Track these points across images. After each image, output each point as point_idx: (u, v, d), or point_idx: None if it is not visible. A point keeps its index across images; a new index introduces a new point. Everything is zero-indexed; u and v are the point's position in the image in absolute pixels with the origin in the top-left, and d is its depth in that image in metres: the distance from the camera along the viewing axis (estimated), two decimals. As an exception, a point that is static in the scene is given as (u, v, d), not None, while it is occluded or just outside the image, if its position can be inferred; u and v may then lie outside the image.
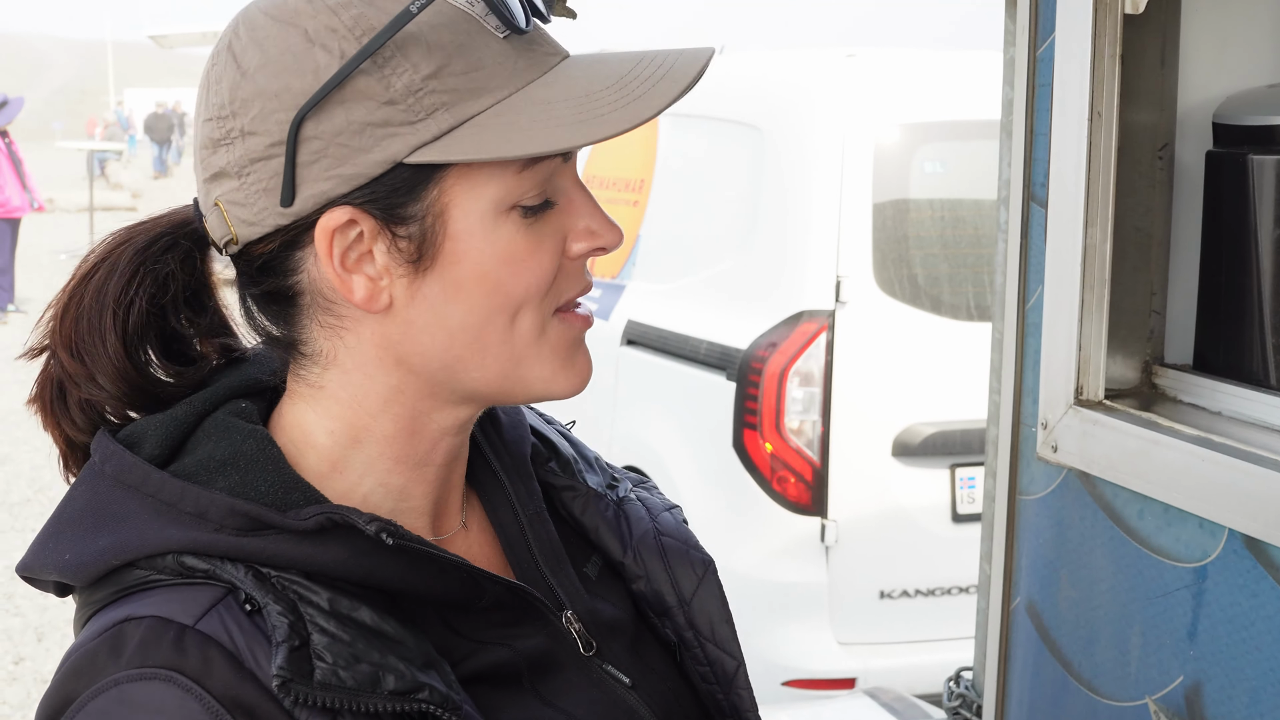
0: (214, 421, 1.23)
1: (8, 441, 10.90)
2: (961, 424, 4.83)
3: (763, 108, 5.28)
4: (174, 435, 1.22)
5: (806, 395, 4.74)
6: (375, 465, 1.25)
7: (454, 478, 1.33)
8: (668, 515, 1.47)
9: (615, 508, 1.44)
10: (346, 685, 1.09)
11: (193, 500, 1.15)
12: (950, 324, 4.89)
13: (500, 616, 1.27)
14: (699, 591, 1.42)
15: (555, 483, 1.43)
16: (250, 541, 1.14)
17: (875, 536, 4.81)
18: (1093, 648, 2.08)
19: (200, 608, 1.11)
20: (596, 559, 1.43)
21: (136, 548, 1.14)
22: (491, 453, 1.39)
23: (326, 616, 1.12)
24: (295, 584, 1.13)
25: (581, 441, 1.52)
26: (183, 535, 1.14)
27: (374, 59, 1.12)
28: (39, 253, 22.84)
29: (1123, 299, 2.06)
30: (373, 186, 1.14)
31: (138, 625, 1.11)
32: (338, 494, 1.23)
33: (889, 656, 4.84)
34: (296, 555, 1.15)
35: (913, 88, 5.15)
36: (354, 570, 1.16)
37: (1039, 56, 2.14)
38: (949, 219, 4.96)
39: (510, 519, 1.37)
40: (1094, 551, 2.06)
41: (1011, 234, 2.22)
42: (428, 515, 1.30)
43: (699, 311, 5.28)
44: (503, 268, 1.17)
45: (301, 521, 1.15)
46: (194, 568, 1.14)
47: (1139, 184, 2.06)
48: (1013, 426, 2.23)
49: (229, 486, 1.17)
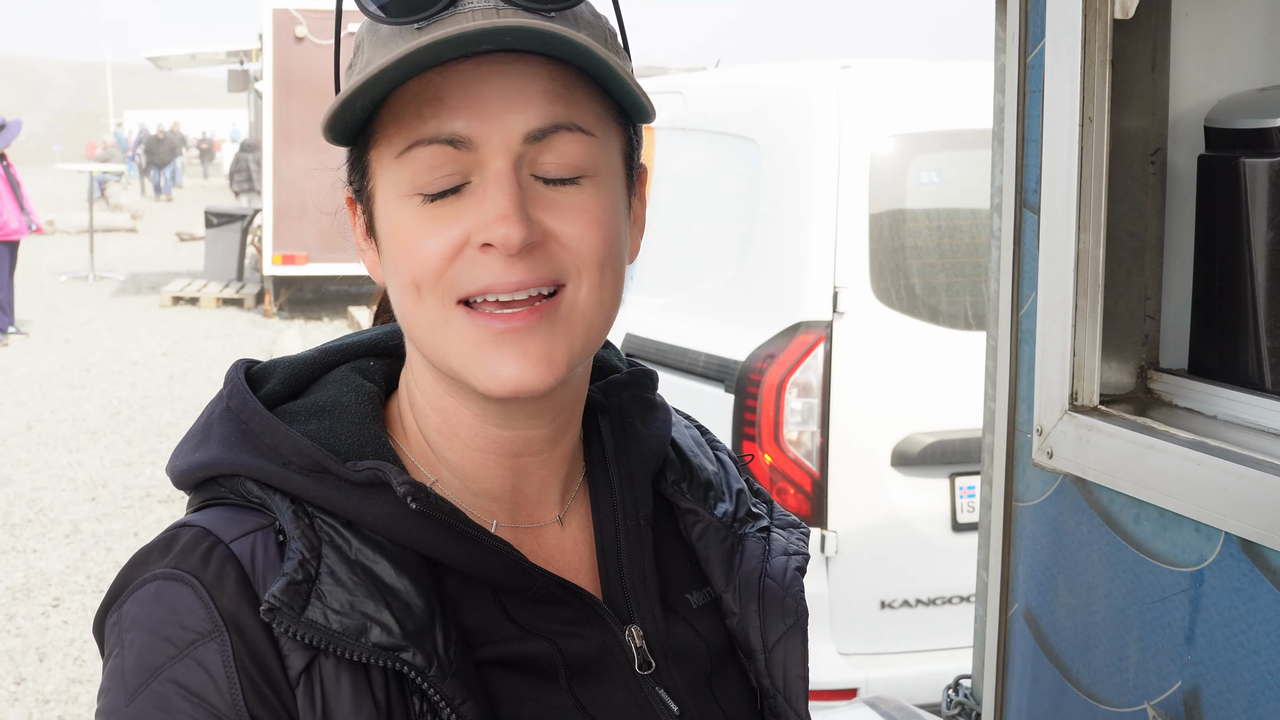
0: (338, 373, 1.35)
1: (9, 463, 10.90)
2: (960, 433, 4.82)
3: (758, 120, 5.28)
4: (299, 374, 1.35)
5: (805, 406, 4.73)
6: (432, 436, 1.32)
7: (541, 472, 1.35)
8: (782, 559, 1.46)
9: (735, 541, 1.45)
10: (331, 628, 1.17)
11: (271, 433, 1.26)
12: (948, 333, 4.89)
13: (560, 612, 1.29)
14: (782, 641, 1.42)
15: (680, 504, 1.45)
16: (306, 481, 1.23)
17: (875, 547, 4.81)
18: (1091, 654, 2.07)
19: (242, 529, 1.23)
20: (709, 590, 1.44)
21: (217, 465, 1.26)
22: (613, 458, 1.41)
23: (344, 563, 1.20)
24: (332, 528, 1.22)
25: (736, 473, 1.53)
26: (253, 462, 1.25)
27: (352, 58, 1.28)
28: (40, 275, 22.88)
29: (1116, 304, 2.06)
30: (347, 168, 1.30)
31: (188, 532, 1.23)
32: (421, 457, 1.33)
33: (890, 666, 4.83)
34: (343, 503, 1.22)
35: (908, 98, 5.16)
36: (393, 529, 1.22)
37: (1029, 63, 2.14)
38: (945, 229, 4.96)
39: (610, 525, 1.39)
40: (1091, 557, 2.05)
41: (1005, 240, 2.22)
42: (504, 501, 1.33)
43: (697, 324, 5.27)
44: (396, 246, 1.23)
45: (353, 473, 1.23)
46: (253, 494, 1.25)
47: (1131, 189, 2.06)
48: (1008, 433, 2.23)
49: (315, 430, 1.27)
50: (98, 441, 11.62)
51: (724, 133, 5.46)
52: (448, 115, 1.18)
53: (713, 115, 5.60)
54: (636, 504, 1.39)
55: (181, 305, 19.88)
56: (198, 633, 1.16)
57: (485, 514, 1.32)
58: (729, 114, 5.53)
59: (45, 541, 8.92)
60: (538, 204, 1.21)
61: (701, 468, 1.48)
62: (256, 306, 19.50)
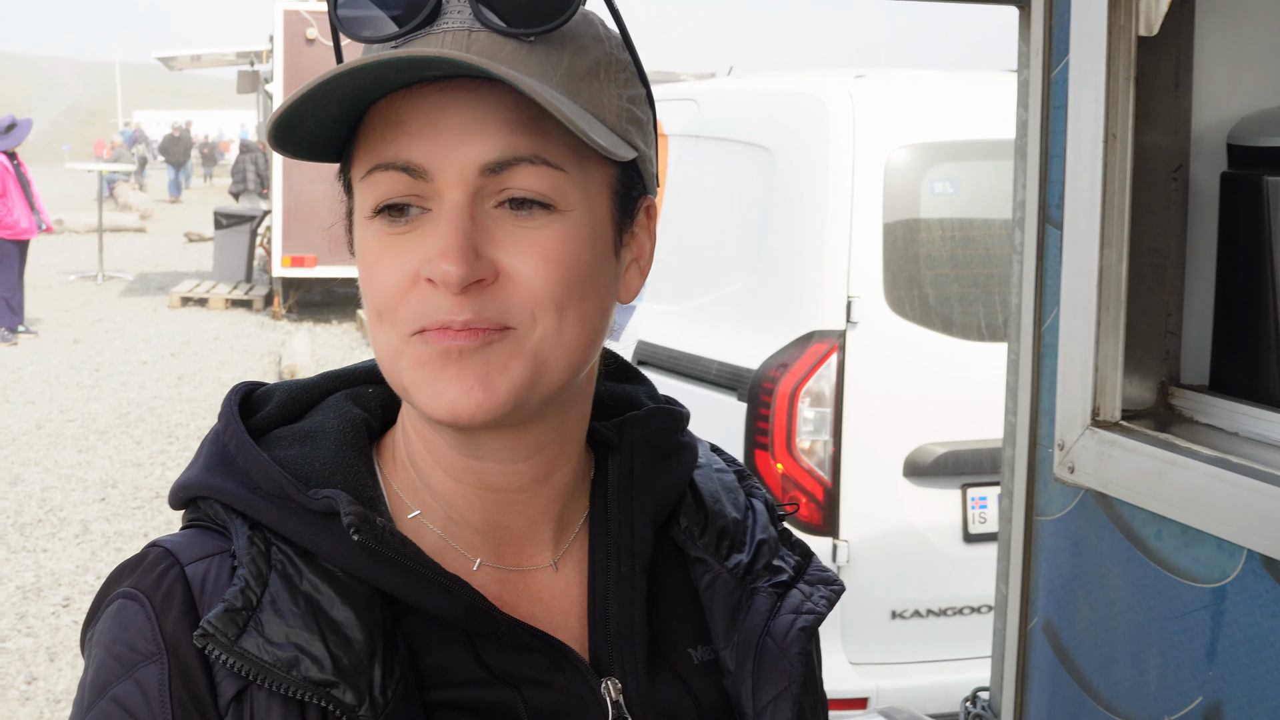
0: (333, 399, 1.33)
1: (19, 463, 10.92)
2: (973, 444, 4.83)
3: (772, 129, 5.29)
4: (297, 401, 1.33)
5: (818, 415, 4.74)
6: (420, 464, 1.28)
7: (528, 510, 1.29)
8: (787, 618, 1.36)
9: (743, 595, 1.36)
10: (262, 659, 1.14)
11: (245, 457, 1.24)
12: (961, 344, 4.89)
13: (534, 659, 1.24)
14: (772, 705, 1.32)
15: (690, 552, 1.38)
16: (270, 507, 1.21)
17: (887, 557, 4.81)
18: (1111, 668, 2.08)
19: (202, 552, 1.22)
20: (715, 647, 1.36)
21: (194, 487, 1.25)
22: (615, 501, 1.34)
23: (289, 592, 1.17)
24: (287, 557, 1.19)
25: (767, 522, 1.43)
26: (223, 485, 1.23)
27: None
28: (49, 274, 22.91)
29: (1138, 320, 2.07)
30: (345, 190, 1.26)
31: (155, 551, 1.22)
32: (407, 488, 1.29)
33: (901, 677, 4.83)
34: (301, 532, 1.20)
35: (922, 108, 5.16)
36: (348, 562, 1.19)
37: (1053, 79, 2.15)
38: (959, 239, 4.97)
39: (602, 571, 1.32)
40: (1112, 572, 2.06)
41: (1027, 255, 2.23)
42: (487, 536, 1.28)
43: (710, 332, 5.28)
44: (363, 269, 1.20)
45: (313, 501, 1.20)
46: (219, 517, 1.23)
47: (1154, 205, 2.07)
48: (1029, 447, 2.24)
49: (293, 456, 1.25)
50: (107, 442, 11.64)
51: (738, 140, 5.47)
52: (406, 141, 1.13)
53: (727, 123, 5.61)
54: (634, 550, 1.32)
55: (190, 306, 19.91)
56: (142, 654, 1.16)
57: (468, 548, 1.27)
58: (743, 122, 5.54)
59: (55, 541, 8.94)
60: (493, 240, 1.14)
61: (720, 514, 1.39)
62: (265, 308, 19.52)
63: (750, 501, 1.44)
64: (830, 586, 1.41)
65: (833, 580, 1.42)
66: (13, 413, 12.74)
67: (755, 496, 1.46)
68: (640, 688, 1.28)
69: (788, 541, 1.44)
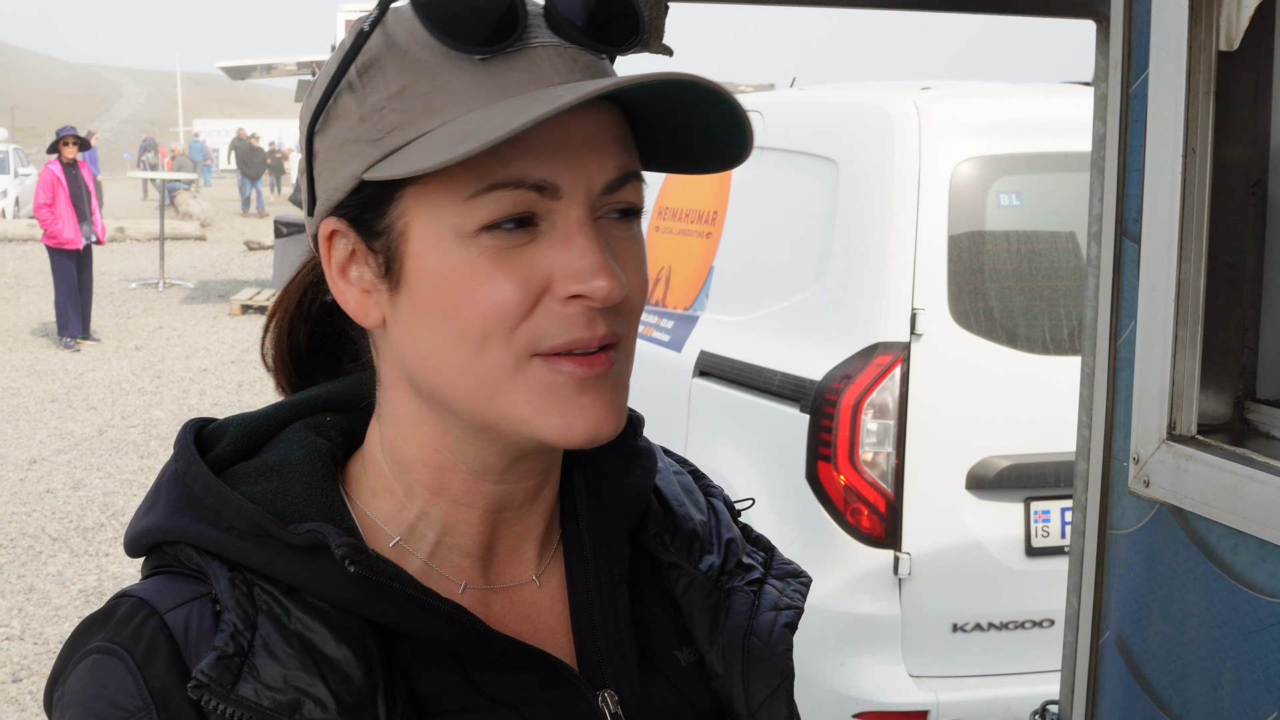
0: (291, 430, 1.28)
1: (82, 468, 11.05)
2: (1036, 457, 4.81)
3: (837, 140, 5.30)
4: (252, 435, 1.28)
5: (881, 427, 4.73)
6: (416, 491, 1.24)
7: (517, 527, 1.29)
8: (770, 615, 1.36)
9: (721, 597, 1.36)
10: (263, 705, 1.10)
11: (214, 497, 1.19)
12: (1026, 357, 4.88)
13: (528, 678, 1.22)
14: (766, 704, 1.33)
15: (663, 558, 1.37)
16: (246, 545, 1.16)
17: (949, 569, 4.80)
18: (1184, 682, 2.07)
19: (179, 599, 1.16)
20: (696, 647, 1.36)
21: (160, 531, 1.20)
22: (586, 512, 1.34)
23: (280, 633, 1.13)
24: (271, 596, 1.15)
25: (729, 522, 1.44)
26: (193, 527, 1.18)
27: (359, 77, 1.16)
28: (110, 281, 23.17)
29: (1215, 334, 2.07)
30: (349, 201, 1.17)
31: (127, 602, 1.17)
32: (387, 515, 1.24)
33: (961, 690, 4.81)
34: (283, 568, 1.16)
35: (988, 120, 5.15)
36: (337, 595, 1.15)
37: (1132, 93, 2.15)
38: (1025, 252, 4.95)
39: (583, 584, 1.31)
40: (1187, 586, 2.06)
41: (1104, 269, 2.23)
42: (477, 558, 1.27)
43: (773, 343, 5.29)
44: (457, 292, 1.12)
45: (294, 536, 1.16)
46: (192, 561, 1.18)
47: (1232, 219, 2.07)
48: (1103, 461, 2.23)
49: (261, 492, 1.20)
50: (168, 448, 11.71)
51: (803, 152, 5.48)
52: (533, 160, 1.10)
53: (792, 134, 5.62)
54: (610, 560, 1.32)
55: (250, 314, 20.07)
56: (127, 710, 1.10)
57: (455, 572, 1.26)
58: (808, 133, 5.55)
59: (117, 546, 9.02)
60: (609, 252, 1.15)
61: (687, 517, 1.39)
62: (324, 316, 19.61)
63: (710, 501, 1.45)
64: (799, 580, 1.42)
65: (800, 573, 1.43)
66: (75, 418, 12.89)
67: (714, 495, 1.46)
68: (636, 697, 1.28)
69: (749, 537, 1.45)
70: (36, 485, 10.53)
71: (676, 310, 6.02)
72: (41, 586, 8.20)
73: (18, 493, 10.30)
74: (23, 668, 7.00)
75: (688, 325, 5.90)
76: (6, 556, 8.78)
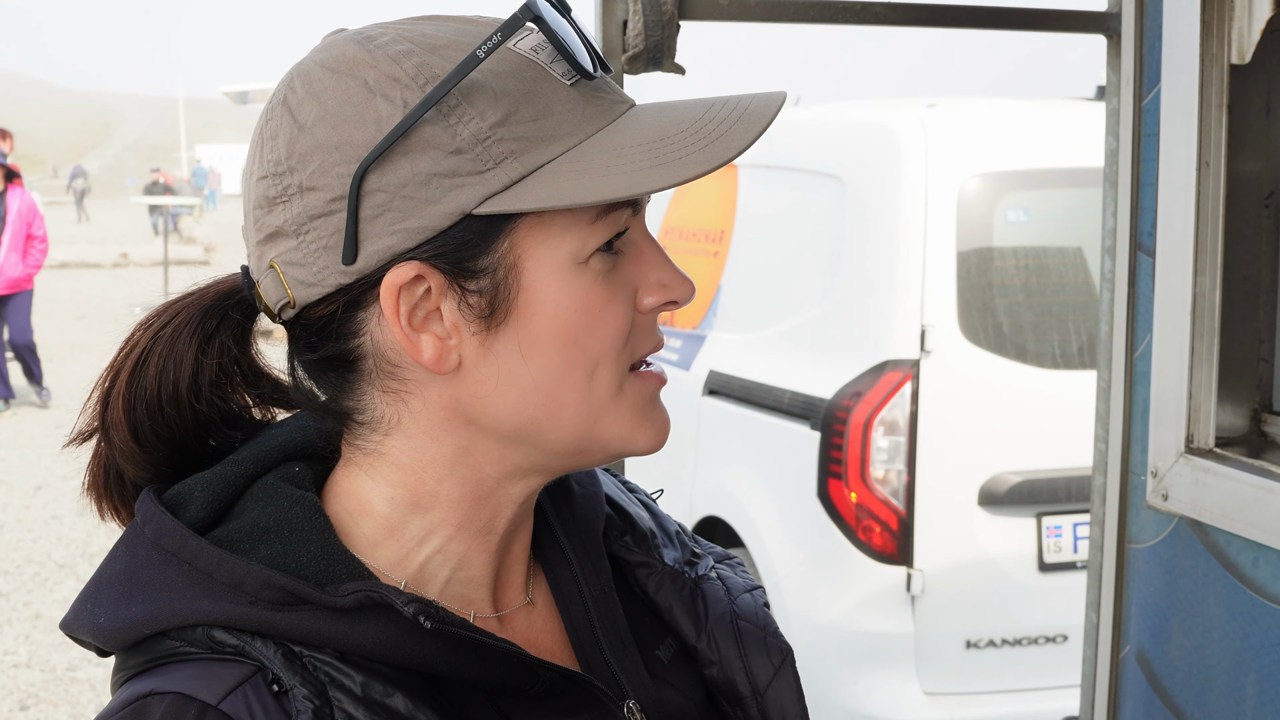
0: (263, 486, 1.17)
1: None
2: (1048, 472, 4.81)
3: (844, 158, 5.31)
4: (221, 497, 1.16)
5: (891, 444, 4.73)
6: (436, 531, 1.18)
7: (515, 549, 1.26)
8: (747, 597, 1.36)
9: (692, 587, 1.35)
10: None
11: (229, 570, 1.09)
12: (1035, 372, 4.88)
13: (557, 703, 1.18)
14: (774, 682, 1.32)
15: (629, 559, 1.34)
16: (284, 617, 1.08)
17: (961, 586, 4.79)
18: (1206, 696, 2.07)
19: (226, 686, 1.05)
20: (671, 641, 1.34)
21: (168, 617, 1.09)
22: (560, 526, 1.31)
23: (356, 702, 1.06)
24: (327, 665, 1.08)
25: (664, 514, 1.44)
26: (215, 607, 1.08)
27: (439, 107, 1.07)
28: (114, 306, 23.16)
29: (1231, 347, 2.07)
30: (440, 240, 1.08)
31: (160, 701, 1.05)
32: (392, 561, 1.17)
33: (975, 707, 4.80)
34: (332, 634, 1.08)
35: (995, 137, 5.16)
36: (393, 653, 1.09)
37: (1144, 107, 2.16)
38: (1033, 267, 4.96)
39: (575, 598, 1.29)
40: (1207, 600, 2.05)
41: (1119, 283, 2.23)
42: (487, 587, 1.23)
43: (782, 361, 5.29)
44: (580, 320, 1.10)
45: (339, 598, 1.08)
46: (224, 642, 1.07)
47: (1246, 233, 2.07)
48: (1121, 475, 2.23)
49: (270, 556, 1.11)
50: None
51: (809, 170, 5.49)
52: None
53: (798, 152, 5.62)
54: (596, 571, 1.30)
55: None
56: None
57: (464, 605, 1.21)
58: (814, 151, 5.56)
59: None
60: None
61: (639, 516, 1.37)
62: (329, 339, 19.63)
63: (638, 498, 1.44)
64: (732, 560, 1.42)
65: (730, 554, 1.43)
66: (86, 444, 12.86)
67: (637, 493, 1.45)
68: (654, 703, 1.27)
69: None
70: (42, 511, 10.51)
71: (685, 330, 6.02)
72: (49, 613, 8.18)
73: (24, 519, 10.28)
74: (30, 695, 6.98)
75: (696, 344, 5.90)
76: (13, 583, 8.76)
